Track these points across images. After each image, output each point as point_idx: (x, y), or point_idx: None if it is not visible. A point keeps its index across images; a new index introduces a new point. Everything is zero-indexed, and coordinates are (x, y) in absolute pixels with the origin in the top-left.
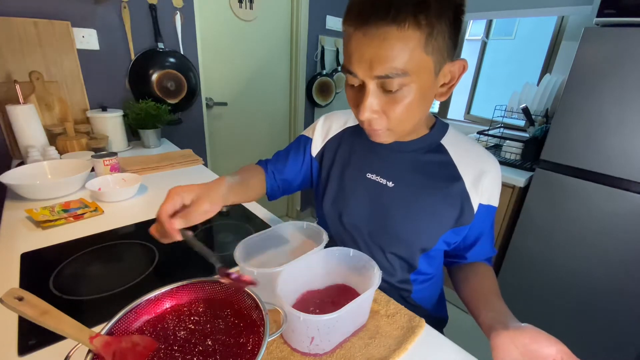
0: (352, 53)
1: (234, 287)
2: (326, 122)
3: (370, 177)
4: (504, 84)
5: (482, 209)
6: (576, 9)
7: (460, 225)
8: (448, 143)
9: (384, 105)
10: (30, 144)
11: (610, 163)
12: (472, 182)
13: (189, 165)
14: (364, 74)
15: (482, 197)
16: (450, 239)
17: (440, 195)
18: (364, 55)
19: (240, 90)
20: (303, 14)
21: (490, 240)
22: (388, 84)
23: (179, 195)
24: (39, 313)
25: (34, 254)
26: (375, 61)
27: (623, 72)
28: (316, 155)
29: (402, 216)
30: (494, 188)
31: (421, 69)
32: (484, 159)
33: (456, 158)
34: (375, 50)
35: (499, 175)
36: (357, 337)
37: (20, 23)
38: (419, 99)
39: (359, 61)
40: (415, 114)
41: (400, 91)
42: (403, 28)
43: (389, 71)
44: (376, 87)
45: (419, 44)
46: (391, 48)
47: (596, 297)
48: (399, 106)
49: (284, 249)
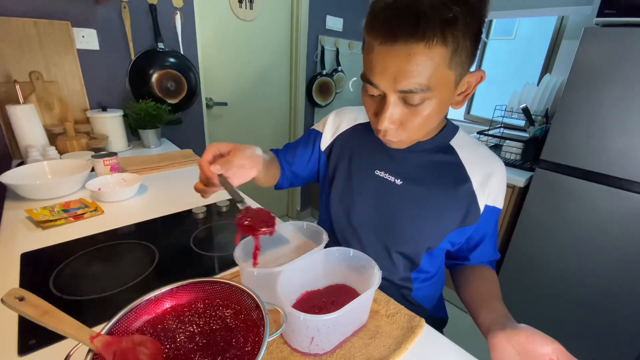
0: (375, 65)
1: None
2: (337, 117)
3: (379, 174)
4: (504, 84)
5: (487, 210)
6: (576, 9)
7: (466, 225)
8: (457, 144)
9: (403, 117)
10: (30, 144)
11: (610, 163)
12: (480, 183)
13: (189, 165)
14: (387, 87)
15: (489, 198)
16: (455, 239)
17: (448, 195)
18: (387, 69)
19: (240, 90)
20: (303, 14)
21: (493, 242)
22: (409, 98)
23: (215, 147)
24: (39, 313)
25: (34, 254)
26: (400, 76)
27: (623, 72)
28: (325, 149)
29: (409, 214)
30: (500, 190)
31: (444, 84)
32: (492, 161)
33: (465, 159)
34: (401, 65)
35: (505, 177)
36: (357, 337)
37: (20, 23)
38: (437, 111)
39: (382, 74)
40: (431, 123)
41: (421, 104)
42: (431, 44)
43: (412, 86)
44: (397, 99)
45: (443, 60)
46: (417, 64)
47: (596, 296)
48: (418, 118)
49: (284, 249)
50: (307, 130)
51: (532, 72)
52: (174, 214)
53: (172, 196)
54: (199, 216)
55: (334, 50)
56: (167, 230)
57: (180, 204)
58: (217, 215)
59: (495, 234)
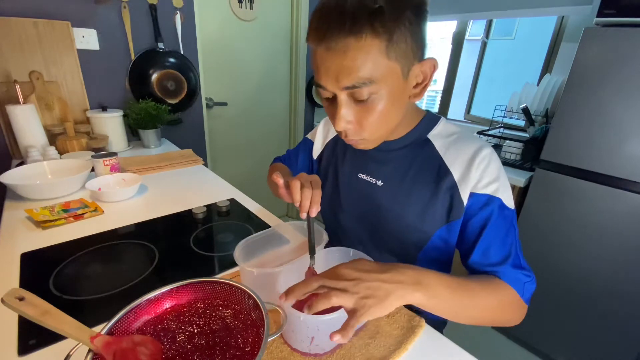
0: (319, 67)
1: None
2: (326, 125)
3: (362, 177)
4: (504, 84)
5: (475, 198)
6: (576, 9)
7: (452, 220)
8: (435, 136)
9: (358, 115)
10: (30, 144)
11: (610, 163)
12: (461, 173)
13: (189, 165)
14: (332, 87)
15: (475, 185)
16: (446, 235)
17: (429, 190)
18: (329, 69)
19: (240, 90)
20: (303, 14)
21: (499, 244)
22: (357, 93)
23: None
24: (40, 313)
25: (34, 254)
26: (340, 73)
27: (623, 72)
28: (317, 157)
29: (392, 214)
30: (486, 173)
31: (387, 75)
32: (472, 145)
33: (442, 151)
34: (339, 62)
35: (490, 159)
36: (357, 337)
37: (20, 23)
38: (391, 105)
39: (326, 75)
40: (389, 119)
41: (370, 99)
42: (361, 38)
43: (354, 81)
44: (347, 98)
45: (380, 51)
46: (353, 59)
47: (596, 296)
48: (372, 114)
49: (284, 249)
50: (303, 138)
51: (532, 72)
52: (174, 214)
53: (172, 196)
54: (199, 216)
55: None
56: (167, 230)
57: (180, 204)
58: (217, 215)
59: (506, 237)
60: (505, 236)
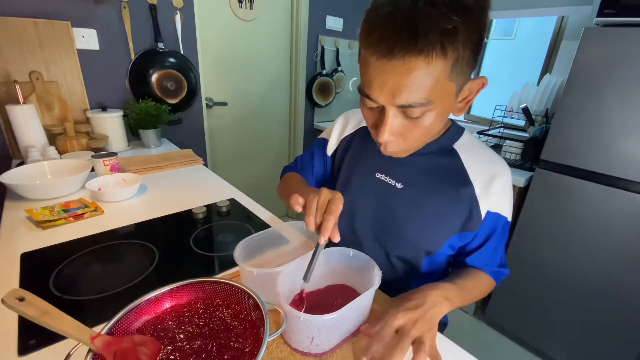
0: (373, 80)
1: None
2: (343, 120)
3: (379, 177)
4: (504, 84)
5: (488, 216)
6: (576, 9)
7: (466, 231)
8: (460, 147)
9: (403, 129)
10: (30, 144)
11: (610, 163)
12: (483, 188)
13: (189, 165)
14: (385, 102)
15: (491, 203)
16: (455, 244)
17: (449, 199)
18: (386, 84)
19: (240, 90)
20: (303, 14)
21: (492, 251)
22: (410, 112)
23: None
24: (40, 313)
25: (34, 254)
26: (399, 91)
27: (623, 72)
28: (331, 154)
29: (409, 218)
30: (503, 195)
31: (444, 95)
32: (496, 164)
33: (467, 163)
34: (399, 80)
35: (509, 182)
36: (357, 337)
37: (20, 23)
38: (438, 121)
39: (381, 89)
40: (432, 132)
41: (421, 117)
42: (430, 58)
43: (412, 101)
44: (397, 112)
45: (444, 72)
46: (416, 78)
47: (596, 296)
48: (418, 130)
49: (284, 249)
50: (315, 140)
51: (532, 72)
52: (174, 214)
53: (172, 196)
54: (199, 216)
55: (334, 50)
56: (167, 230)
57: (180, 204)
58: (217, 215)
59: (499, 245)
60: (499, 245)
